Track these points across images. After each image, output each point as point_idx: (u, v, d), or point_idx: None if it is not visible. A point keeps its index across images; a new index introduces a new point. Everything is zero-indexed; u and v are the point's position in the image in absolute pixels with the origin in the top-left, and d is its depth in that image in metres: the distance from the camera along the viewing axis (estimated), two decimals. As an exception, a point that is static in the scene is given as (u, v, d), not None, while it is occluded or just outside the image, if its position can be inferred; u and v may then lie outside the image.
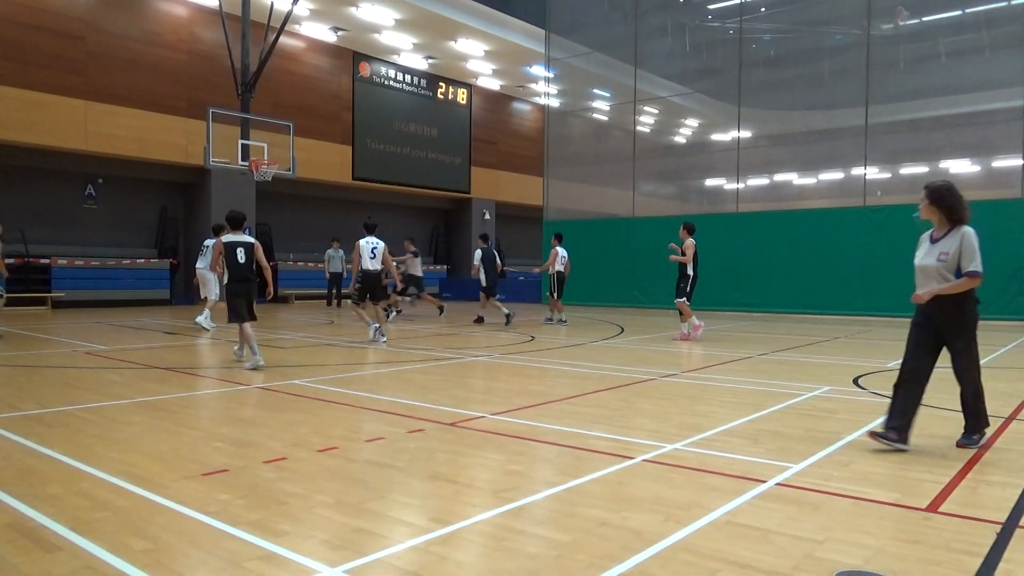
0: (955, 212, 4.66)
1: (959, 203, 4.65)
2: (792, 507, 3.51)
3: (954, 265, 4.57)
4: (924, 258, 4.76)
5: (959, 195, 4.67)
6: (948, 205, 4.66)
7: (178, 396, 6.58)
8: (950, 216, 4.68)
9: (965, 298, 4.60)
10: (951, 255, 4.58)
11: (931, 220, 4.80)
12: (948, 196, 4.66)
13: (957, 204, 4.65)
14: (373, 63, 26.40)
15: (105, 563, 2.82)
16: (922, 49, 19.24)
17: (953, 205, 4.65)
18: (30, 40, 18.08)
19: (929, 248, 4.77)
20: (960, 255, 4.56)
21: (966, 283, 4.54)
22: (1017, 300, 15.55)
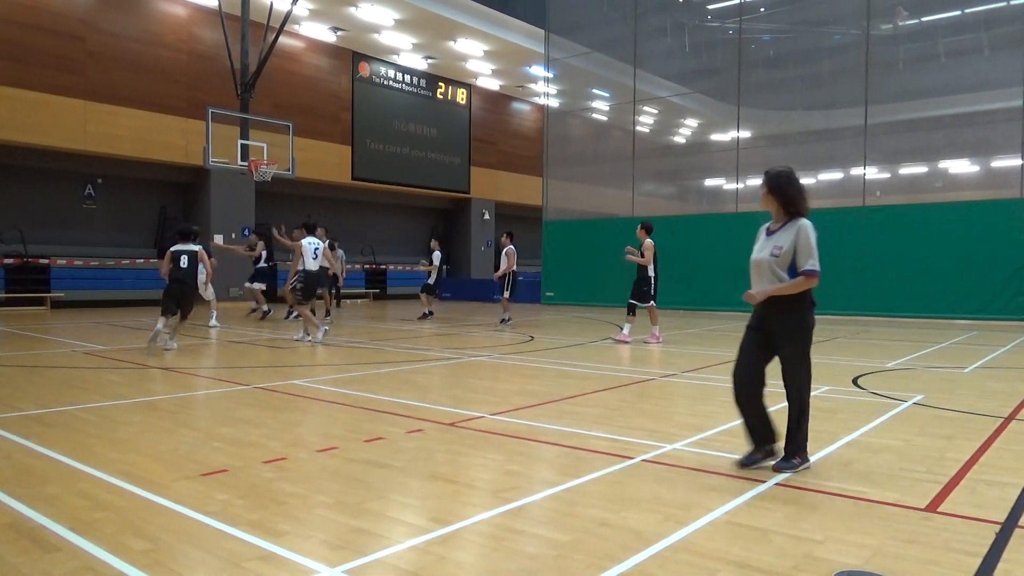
0: (793, 203, 4.21)
1: (798, 193, 4.22)
2: (791, 507, 3.52)
3: (787, 262, 4.11)
4: (758, 252, 4.27)
5: (799, 184, 4.25)
6: (786, 195, 4.21)
7: (177, 396, 6.58)
8: (787, 207, 4.22)
9: (800, 300, 4.12)
10: (785, 250, 4.11)
11: (770, 210, 4.35)
12: (787, 185, 4.22)
13: (796, 194, 4.21)
14: (373, 63, 26.40)
15: (104, 563, 2.82)
16: (921, 49, 19.26)
17: (791, 195, 4.21)
18: (29, 40, 18.07)
19: (764, 241, 4.29)
20: (795, 251, 4.10)
21: (802, 283, 4.07)
22: (1016, 300, 15.56)
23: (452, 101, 29.58)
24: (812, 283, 4.08)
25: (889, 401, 6.38)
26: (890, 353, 10.16)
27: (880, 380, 7.62)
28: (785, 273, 4.10)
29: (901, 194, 18.81)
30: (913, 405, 6.20)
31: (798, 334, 4.14)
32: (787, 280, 4.09)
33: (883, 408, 6.05)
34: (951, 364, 8.95)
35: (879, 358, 9.55)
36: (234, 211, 21.59)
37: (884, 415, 5.75)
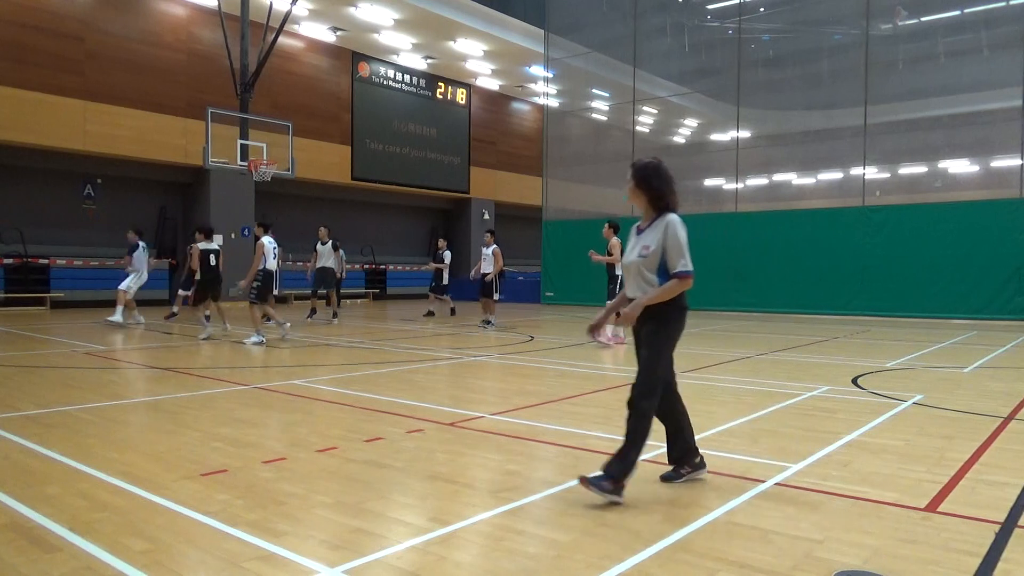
0: (661, 197, 3.84)
1: (666, 186, 3.85)
2: (791, 507, 3.52)
3: (655, 262, 3.74)
4: (628, 254, 3.94)
5: (668, 176, 3.88)
6: (653, 188, 3.85)
7: (177, 396, 6.58)
8: (655, 202, 3.86)
9: (670, 303, 3.74)
10: (653, 250, 3.74)
11: (638, 206, 4.00)
12: (654, 177, 3.85)
13: (664, 187, 3.84)
14: (372, 63, 26.39)
15: (104, 563, 2.82)
16: (921, 49, 19.27)
17: (659, 188, 3.84)
18: (29, 40, 18.06)
19: (634, 241, 3.94)
20: (664, 251, 3.73)
21: (675, 287, 3.70)
22: (1015, 300, 15.56)
23: (452, 101, 29.57)
24: (685, 286, 3.72)
25: (889, 401, 6.38)
26: (890, 353, 10.16)
27: (880, 380, 7.62)
28: (654, 275, 3.75)
29: (901, 194, 18.82)
30: (913, 405, 6.20)
31: (656, 337, 3.75)
32: (656, 283, 3.74)
33: (883, 408, 6.05)
34: (951, 364, 8.95)
35: (879, 358, 9.55)
36: (234, 211, 21.57)
37: (884, 415, 5.75)
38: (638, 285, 3.80)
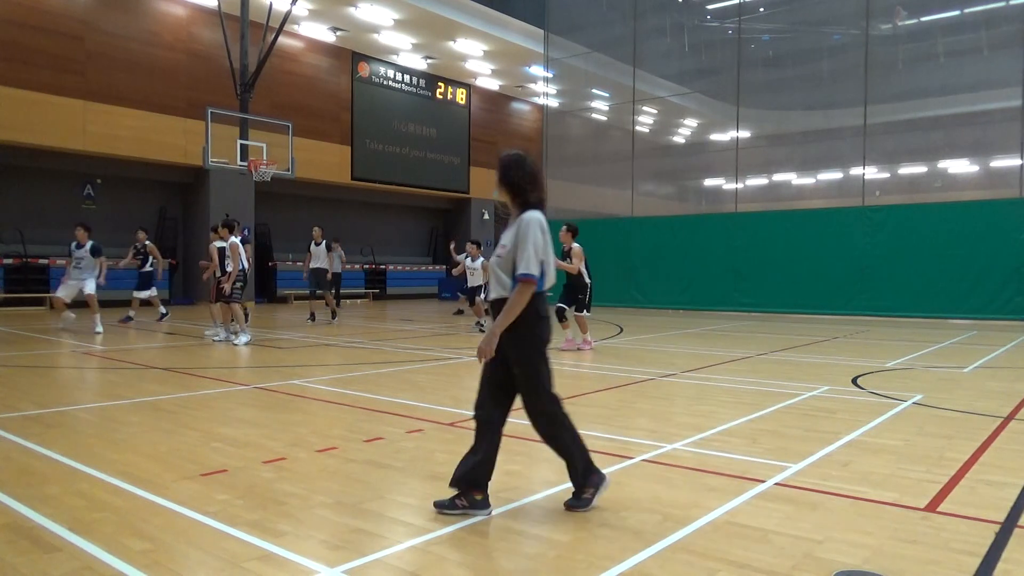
0: (520, 192, 3.54)
1: (527, 180, 3.53)
2: (791, 507, 3.52)
3: (509, 264, 3.47)
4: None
5: (531, 169, 3.55)
6: (513, 183, 3.54)
7: (177, 396, 6.57)
8: (515, 197, 3.55)
9: (527, 310, 3.43)
10: (508, 250, 3.48)
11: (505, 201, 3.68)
12: (514, 170, 3.53)
13: (524, 182, 3.53)
14: (372, 63, 26.39)
15: (104, 563, 2.82)
16: (920, 49, 19.27)
17: (518, 183, 3.53)
18: (28, 40, 18.05)
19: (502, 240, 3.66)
20: (516, 251, 3.45)
21: (516, 294, 3.38)
22: (1015, 300, 15.57)
23: (451, 101, 29.57)
24: (526, 292, 3.38)
25: (888, 401, 6.38)
26: (889, 353, 10.16)
27: (880, 380, 7.62)
28: (508, 276, 3.49)
29: (900, 194, 18.83)
30: (912, 405, 6.20)
31: (521, 352, 3.47)
32: (509, 286, 3.47)
33: (883, 408, 6.05)
34: (950, 364, 8.95)
35: (878, 358, 9.55)
36: (234, 211, 21.51)
37: (884, 415, 5.75)
38: (494, 288, 3.56)
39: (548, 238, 3.52)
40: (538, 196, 3.56)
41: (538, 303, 3.48)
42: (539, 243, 3.43)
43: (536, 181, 3.56)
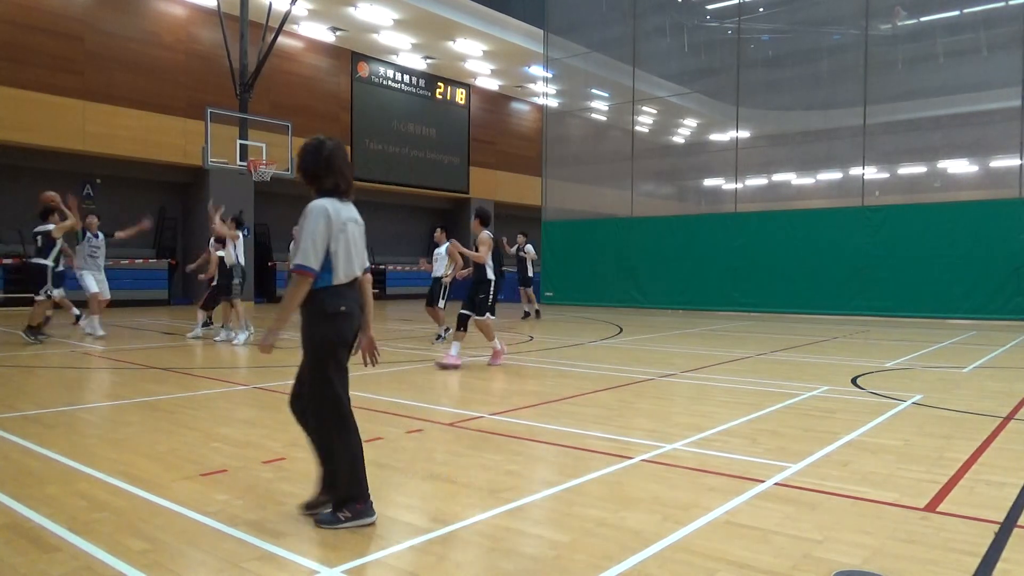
0: (314, 179, 3.35)
1: (323, 166, 3.34)
2: (790, 507, 3.52)
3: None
4: None
5: (326, 156, 3.34)
6: (306, 170, 3.37)
7: (176, 396, 6.57)
8: (311, 185, 3.37)
9: (309, 308, 3.25)
10: (296, 241, 3.32)
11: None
12: (309, 157, 3.36)
13: (319, 168, 3.34)
14: (371, 63, 26.39)
15: (103, 563, 2.82)
16: (920, 49, 19.27)
17: (312, 170, 3.35)
18: (28, 40, 18.05)
19: None
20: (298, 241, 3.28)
21: (291, 288, 3.22)
22: (1015, 300, 15.58)
23: (451, 101, 29.57)
24: (301, 284, 3.20)
25: (888, 401, 6.38)
26: (889, 353, 10.16)
27: (879, 380, 7.62)
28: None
29: (900, 194, 18.83)
30: (912, 405, 6.20)
31: (305, 348, 3.28)
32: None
33: (882, 408, 6.06)
34: (950, 364, 8.95)
35: (878, 358, 9.55)
36: (233, 211, 21.54)
37: (883, 415, 5.75)
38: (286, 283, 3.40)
39: (343, 227, 3.29)
40: (334, 182, 3.35)
41: (324, 298, 3.24)
42: (318, 233, 3.21)
43: (332, 167, 3.34)
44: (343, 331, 3.30)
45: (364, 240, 3.54)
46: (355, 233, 3.42)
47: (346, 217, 3.37)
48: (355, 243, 3.39)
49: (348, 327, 3.32)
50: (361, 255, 3.45)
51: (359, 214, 3.57)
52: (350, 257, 3.33)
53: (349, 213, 3.41)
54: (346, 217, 3.37)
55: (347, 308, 3.30)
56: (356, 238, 3.42)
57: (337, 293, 3.27)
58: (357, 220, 3.49)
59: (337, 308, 3.26)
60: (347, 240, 3.32)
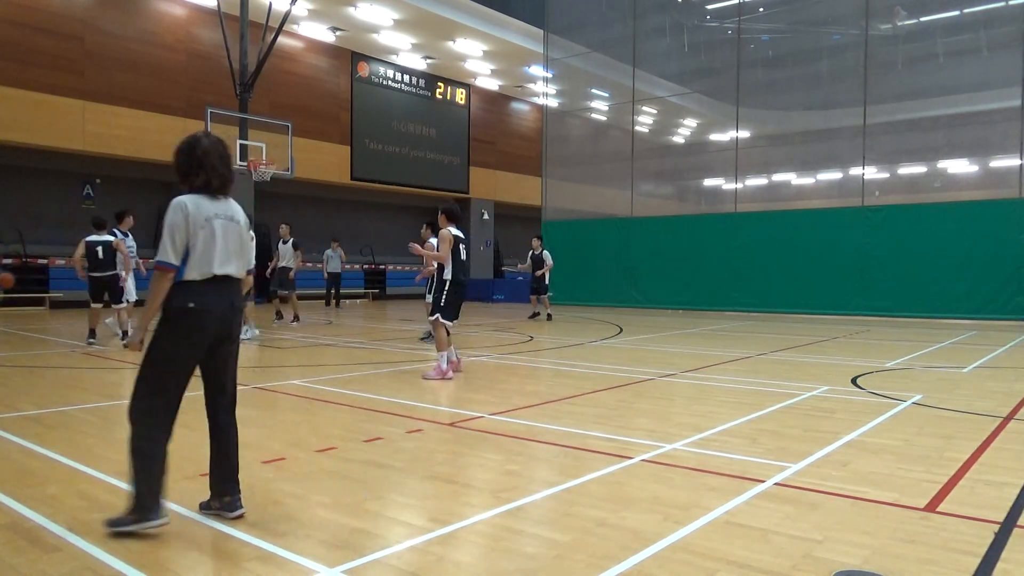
0: (184, 177, 3.36)
1: (194, 164, 3.33)
2: (790, 507, 3.52)
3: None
4: None
5: (195, 153, 3.34)
6: (178, 168, 3.40)
7: (176, 396, 6.56)
8: (182, 183, 3.37)
9: (167, 303, 3.19)
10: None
11: None
12: (180, 156, 3.39)
13: (189, 166, 3.34)
14: (371, 63, 26.39)
15: (103, 563, 2.82)
16: (920, 49, 19.27)
17: (182, 168, 3.37)
18: (28, 40, 18.05)
19: None
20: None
21: (152, 283, 3.19)
22: (1015, 300, 15.57)
23: (451, 101, 29.58)
24: (162, 280, 3.16)
25: (888, 401, 6.38)
26: (889, 353, 10.16)
27: (879, 380, 7.62)
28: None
29: (900, 194, 18.83)
30: (912, 405, 6.20)
31: (150, 342, 3.23)
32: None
33: (882, 408, 6.06)
34: (950, 364, 8.95)
35: (878, 358, 9.55)
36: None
37: (883, 415, 5.75)
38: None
39: (205, 223, 3.22)
40: (205, 179, 3.31)
41: (173, 294, 3.18)
42: (175, 228, 3.18)
43: (203, 164, 3.30)
44: (188, 329, 3.20)
45: (244, 239, 3.43)
46: (223, 230, 3.30)
47: (212, 213, 3.29)
48: (221, 240, 3.28)
49: (196, 325, 3.20)
50: (232, 253, 3.33)
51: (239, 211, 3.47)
52: (208, 254, 3.23)
53: (220, 209, 3.33)
54: (212, 213, 3.29)
55: (197, 305, 3.19)
56: (224, 235, 3.30)
57: (187, 289, 3.20)
58: (232, 217, 3.38)
59: (184, 304, 3.18)
60: (208, 237, 3.23)
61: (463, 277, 8.12)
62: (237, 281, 3.39)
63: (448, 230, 8.06)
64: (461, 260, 8.09)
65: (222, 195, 3.39)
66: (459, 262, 8.06)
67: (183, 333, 3.20)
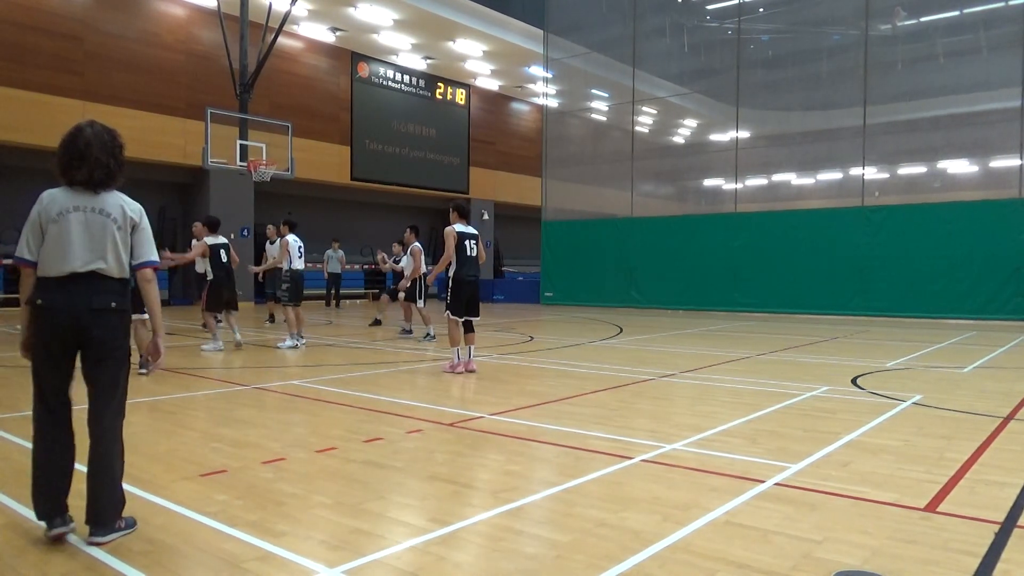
0: (61, 169, 3.21)
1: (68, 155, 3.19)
2: (790, 507, 3.52)
3: None
4: None
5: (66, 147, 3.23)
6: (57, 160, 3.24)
7: (176, 397, 6.57)
8: (63, 178, 3.22)
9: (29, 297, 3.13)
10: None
11: None
12: (59, 147, 3.25)
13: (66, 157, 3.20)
14: (371, 63, 26.40)
15: (103, 564, 2.82)
16: (920, 49, 19.28)
17: (60, 159, 3.21)
18: (27, 40, 18.06)
19: None
20: None
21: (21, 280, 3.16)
22: (1015, 300, 15.58)
23: (451, 101, 29.58)
24: (23, 275, 3.14)
25: (888, 401, 6.38)
26: (889, 353, 10.16)
27: (879, 380, 7.62)
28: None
29: (900, 194, 18.84)
30: (912, 405, 6.20)
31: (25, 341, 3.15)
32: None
33: (882, 408, 6.06)
34: (950, 364, 8.95)
35: (878, 358, 9.55)
36: (233, 211, 21.58)
37: (883, 415, 5.75)
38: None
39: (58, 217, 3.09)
40: (87, 173, 3.15)
41: (37, 291, 3.08)
42: (31, 222, 3.11)
43: (85, 156, 3.16)
44: (38, 328, 3.08)
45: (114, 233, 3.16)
46: (85, 225, 3.10)
47: (69, 207, 3.10)
48: (80, 236, 3.08)
49: (45, 324, 3.07)
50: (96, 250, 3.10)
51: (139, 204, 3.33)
52: (59, 250, 3.05)
53: (85, 202, 3.12)
54: (69, 207, 3.10)
55: (44, 303, 3.05)
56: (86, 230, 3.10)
57: (41, 286, 3.07)
58: (102, 211, 3.15)
59: (34, 301, 3.07)
60: (59, 232, 3.06)
61: (469, 274, 8.19)
62: (107, 280, 3.13)
63: (453, 227, 8.16)
64: (468, 256, 8.19)
65: (105, 188, 3.20)
66: (465, 258, 8.16)
67: (35, 331, 3.09)
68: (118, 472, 3.15)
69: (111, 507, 3.08)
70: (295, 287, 10.80)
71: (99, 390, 3.18)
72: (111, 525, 3.06)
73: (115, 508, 3.10)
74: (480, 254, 8.35)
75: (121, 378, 3.21)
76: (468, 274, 8.18)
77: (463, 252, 8.12)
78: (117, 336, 3.16)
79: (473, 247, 8.24)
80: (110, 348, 3.14)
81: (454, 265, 8.11)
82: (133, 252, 3.23)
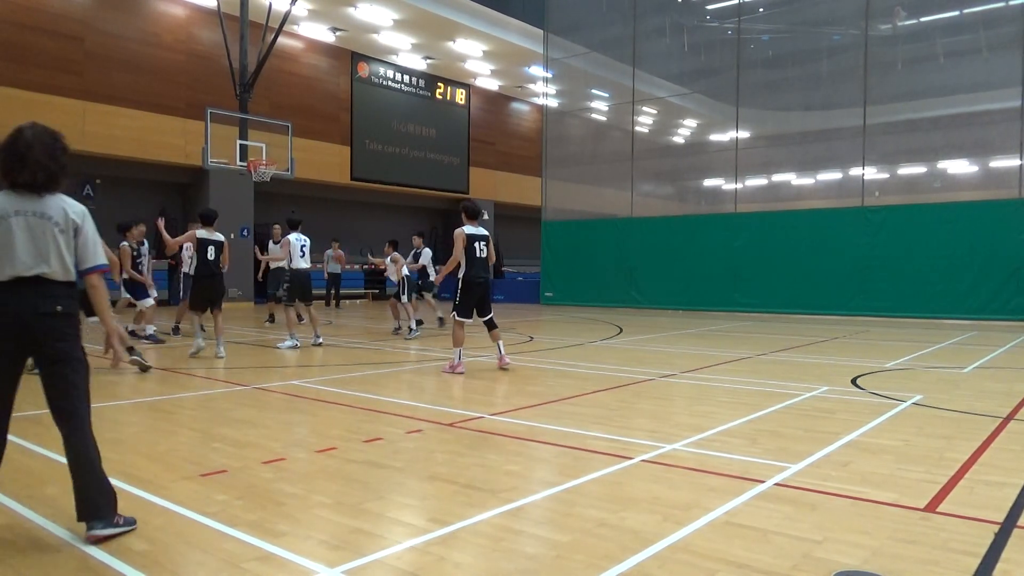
0: (3, 172, 3.24)
1: (8, 158, 3.23)
2: (790, 507, 3.52)
3: None
4: None
5: (17, 144, 3.29)
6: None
7: (176, 397, 6.57)
8: (6, 179, 3.24)
9: None
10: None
11: None
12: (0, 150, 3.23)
13: (7, 160, 3.23)
14: (371, 63, 26.40)
15: (103, 564, 2.82)
16: (920, 50, 19.28)
17: (1, 163, 3.23)
18: (27, 40, 18.06)
19: None
20: None
21: None
22: (1015, 300, 15.58)
23: (451, 101, 29.59)
24: None
25: (888, 401, 6.38)
26: (889, 353, 10.16)
27: (879, 380, 7.62)
28: None
29: (900, 194, 18.84)
30: (912, 405, 6.20)
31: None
32: None
33: (882, 408, 6.05)
34: (950, 364, 8.95)
35: (878, 358, 9.55)
36: (233, 211, 21.57)
37: (883, 415, 5.75)
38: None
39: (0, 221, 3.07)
40: (30, 175, 3.17)
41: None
42: None
43: (25, 159, 3.18)
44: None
45: (56, 236, 3.14)
46: (28, 228, 3.08)
47: (11, 211, 3.07)
48: (24, 240, 3.06)
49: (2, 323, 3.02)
50: (40, 254, 3.07)
51: (82, 206, 3.33)
52: (2, 255, 3.02)
53: (26, 206, 3.11)
54: (11, 211, 3.07)
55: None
56: (30, 234, 3.07)
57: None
58: (43, 214, 3.14)
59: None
60: (3, 236, 3.03)
61: (477, 276, 8.19)
62: (53, 284, 3.10)
63: (463, 229, 8.19)
64: (477, 258, 8.20)
65: (48, 191, 3.17)
66: (474, 260, 8.18)
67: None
68: (96, 461, 3.11)
69: (102, 497, 3.06)
70: (295, 287, 10.78)
71: (57, 393, 3.12)
72: (109, 518, 3.05)
73: (107, 498, 3.07)
74: (491, 255, 8.41)
75: (79, 380, 3.14)
76: (478, 276, 8.19)
77: (472, 253, 8.16)
78: (67, 339, 3.11)
79: (483, 248, 8.27)
80: (60, 351, 3.09)
81: (463, 267, 8.14)
82: (78, 256, 3.20)
